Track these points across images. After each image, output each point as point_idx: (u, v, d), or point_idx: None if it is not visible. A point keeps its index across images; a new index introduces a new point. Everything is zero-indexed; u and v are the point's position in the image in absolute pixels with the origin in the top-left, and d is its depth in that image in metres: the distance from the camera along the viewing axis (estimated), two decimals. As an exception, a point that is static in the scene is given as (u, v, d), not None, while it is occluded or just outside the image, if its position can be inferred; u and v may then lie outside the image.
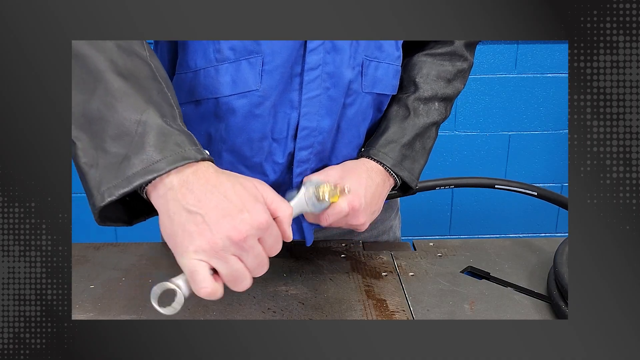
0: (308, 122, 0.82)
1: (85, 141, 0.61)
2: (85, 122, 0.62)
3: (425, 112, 0.89)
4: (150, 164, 0.60)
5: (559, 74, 2.12)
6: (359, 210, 0.79)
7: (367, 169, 0.84)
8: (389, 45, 0.85)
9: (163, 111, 0.63)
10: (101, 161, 0.61)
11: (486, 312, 0.79)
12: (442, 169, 2.20)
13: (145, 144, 0.60)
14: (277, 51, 0.77)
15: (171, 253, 0.61)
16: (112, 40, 0.64)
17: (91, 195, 0.61)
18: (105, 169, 0.60)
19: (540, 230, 2.32)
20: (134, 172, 0.59)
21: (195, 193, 0.60)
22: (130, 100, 0.62)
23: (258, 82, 0.78)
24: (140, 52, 0.67)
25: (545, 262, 0.92)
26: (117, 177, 0.60)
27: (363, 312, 0.79)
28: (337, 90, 0.81)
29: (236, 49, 0.77)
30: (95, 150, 0.61)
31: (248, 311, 0.79)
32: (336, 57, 0.80)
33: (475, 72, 2.07)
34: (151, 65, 0.67)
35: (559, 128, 2.18)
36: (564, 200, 0.95)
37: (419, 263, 0.92)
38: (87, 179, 0.61)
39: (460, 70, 0.93)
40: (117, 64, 0.63)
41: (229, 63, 0.78)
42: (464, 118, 2.15)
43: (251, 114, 0.80)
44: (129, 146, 0.60)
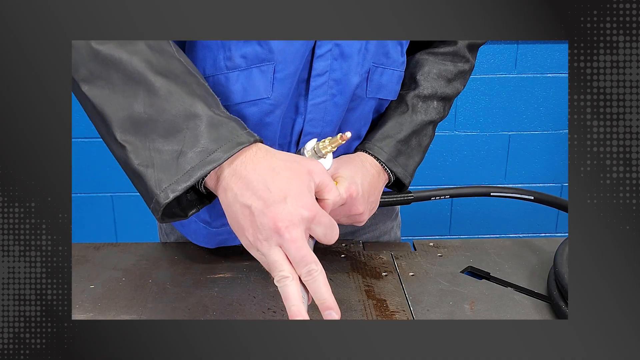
0: (312, 128, 0.81)
1: (135, 143, 0.63)
2: (133, 125, 0.63)
3: (423, 109, 0.89)
4: (207, 155, 0.61)
5: (559, 74, 2.12)
6: (357, 198, 0.78)
7: (362, 161, 0.84)
8: (395, 52, 0.85)
9: (208, 102, 0.64)
10: (157, 160, 0.62)
11: (486, 312, 0.79)
12: (442, 169, 2.20)
13: (198, 137, 0.62)
14: (289, 60, 0.76)
15: (171, 253, 0.61)
16: (142, 41, 0.65)
17: (153, 195, 0.62)
18: (162, 167, 0.62)
19: (540, 230, 2.32)
20: (193, 165, 0.61)
21: (245, 181, 0.61)
22: (175, 97, 0.63)
23: (269, 90, 0.76)
24: (169, 49, 0.67)
25: (545, 262, 0.92)
26: (177, 173, 0.61)
27: (363, 312, 0.79)
28: (343, 97, 0.81)
29: (248, 56, 0.75)
30: (149, 150, 0.62)
31: (248, 311, 0.79)
32: (344, 63, 0.79)
33: (475, 72, 2.07)
34: (181, 61, 0.67)
35: (559, 128, 2.18)
36: (561, 202, 0.94)
37: (419, 263, 0.92)
38: (145, 179, 0.62)
39: (462, 71, 0.93)
40: (153, 63, 0.64)
41: (239, 71, 0.76)
42: (464, 118, 2.15)
43: (261, 122, 0.79)
44: (182, 141, 0.62)
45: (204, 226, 0.91)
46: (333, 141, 0.73)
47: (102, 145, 2.32)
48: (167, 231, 1.03)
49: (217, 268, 0.89)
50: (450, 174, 2.21)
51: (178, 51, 0.69)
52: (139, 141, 0.63)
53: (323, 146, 0.74)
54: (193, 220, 0.92)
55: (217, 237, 0.92)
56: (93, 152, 2.04)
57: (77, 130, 1.96)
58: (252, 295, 0.83)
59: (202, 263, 0.91)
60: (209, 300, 0.81)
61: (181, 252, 0.94)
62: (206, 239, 0.93)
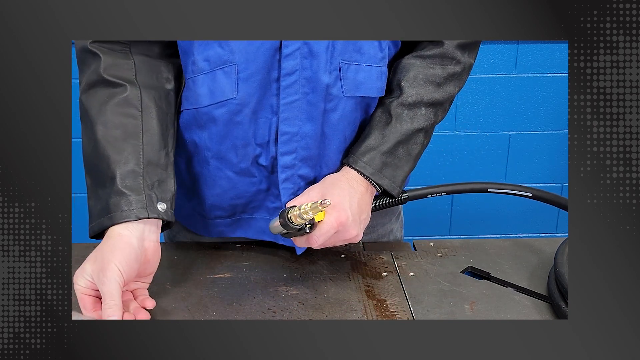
0: (288, 127, 0.81)
1: (88, 181, 0.80)
2: (88, 166, 0.81)
3: (409, 118, 0.85)
4: (103, 216, 0.76)
5: (559, 74, 2.12)
6: (348, 224, 0.77)
7: (347, 180, 0.82)
8: (371, 47, 0.83)
9: (126, 171, 0.77)
10: (91, 202, 0.79)
11: (486, 312, 0.79)
12: (442, 169, 2.20)
13: (110, 197, 0.76)
14: (250, 59, 0.78)
15: (171, 253, 0.61)
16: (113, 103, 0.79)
17: (89, 222, 0.79)
18: (93, 208, 0.78)
19: (540, 231, 2.32)
20: (102, 218, 0.76)
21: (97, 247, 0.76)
22: (105, 161, 0.78)
23: (235, 91, 0.79)
24: (133, 112, 0.79)
25: (545, 263, 0.92)
26: (98, 218, 0.77)
27: (363, 312, 0.79)
28: (315, 95, 0.80)
29: (210, 59, 0.79)
30: (94, 189, 0.79)
31: (248, 311, 0.79)
32: (313, 62, 0.79)
33: (475, 72, 2.07)
34: (138, 122, 0.79)
35: (559, 128, 2.18)
36: (560, 200, 0.93)
37: (419, 263, 0.92)
38: (89, 208, 0.79)
39: (452, 73, 0.87)
40: (107, 125, 0.79)
41: (204, 74, 0.79)
42: (464, 118, 2.15)
43: (231, 122, 0.81)
44: (107, 196, 0.76)
45: (201, 218, 0.94)
46: (314, 207, 0.72)
47: (102, 145, 2.22)
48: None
49: (217, 268, 0.89)
50: (450, 174, 2.20)
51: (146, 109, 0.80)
52: (90, 180, 0.81)
53: (304, 211, 0.73)
54: (191, 213, 0.95)
55: (215, 229, 0.94)
56: (93, 152, 2.04)
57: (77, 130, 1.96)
58: (252, 295, 0.83)
59: (202, 263, 0.91)
60: (209, 300, 0.81)
61: (181, 252, 0.94)
62: (206, 230, 0.95)
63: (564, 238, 0.89)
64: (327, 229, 0.76)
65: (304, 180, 0.85)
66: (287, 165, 0.83)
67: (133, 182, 0.76)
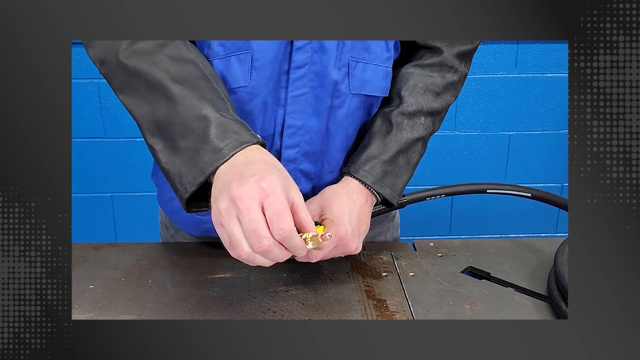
0: (294, 120, 0.82)
1: (160, 144, 0.72)
2: (157, 128, 0.72)
3: (409, 127, 0.85)
4: (215, 153, 0.67)
5: (559, 74, 2.12)
6: (347, 238, 0.77)
7: (347, 192, 0.81)
8: (378, 46, 0.83)
9: (217, 105, 0.70)
10: (177, 159, 0.70)
11: (486, 312, 0.79)
12: (442, 169, 2.20)
13: (208, 136, 0.68)
14: (266, 48, 0.78)
15: (171, 253, 0.61)
16: (163, 52, 0.73)
17: (177, 190, 0.70)
18: (182, 165, 0.69)
19: (540, 231, 2.32)
20: (205, 162, 0.68)
21: (235, 170, 0.66)
22: (187, 101, 0.70)
23: (247, 79, 0.79)
24: (187, 56, 0.74)
25: (545, 263, 0.92)
26: (193, 170, 0.68)
27: (363, 312, 0.79)
28: (323, 90, 0.81)
29: (225, 44, 0.78)
30: (171, 150, 0.70)
31: (248, 311, 0.79)
32: (323, 56, 0.80)
33: (475, 72, 2.07)
34: (199, 66, 0.74)
35: (559, 128, 2.18)
36: (559, 200, 0.94)
37: (419, 263, 0.92)
38: (171, 176, 0.71)
39: (450, 82, 0.88)
40: (171, 72, 0.71)
41: (218, 59, 0.79)
42: (464, 118, 2.15)
43: (241, 111, 0.81)
44: (196, 141, 0.68)
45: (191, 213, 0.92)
46: (314, 239, 0.69)
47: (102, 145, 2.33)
48: (166, 224, 1.04)
49: (217, 268, 0.89)
50: (450, 174, 2.20)
51: (199, 56, 0.75)
52: (163, 142, 0.71)
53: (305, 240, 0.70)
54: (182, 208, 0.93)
55: (202, 225, 0.93)
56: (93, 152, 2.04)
57: (77, 130, 1.96)
58: (252, 295, 0.83)
59: (202, 263, 0.91)
60: (209, 300, 0.81)
61: (181, 252, 0.94)
62: (192, 226, 0.95)
63: (564, 238, 0.89)
64: (326, 245, 0.75)
65: (305, 176, 0.86)
66: (290, 159, 0.84)
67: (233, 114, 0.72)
